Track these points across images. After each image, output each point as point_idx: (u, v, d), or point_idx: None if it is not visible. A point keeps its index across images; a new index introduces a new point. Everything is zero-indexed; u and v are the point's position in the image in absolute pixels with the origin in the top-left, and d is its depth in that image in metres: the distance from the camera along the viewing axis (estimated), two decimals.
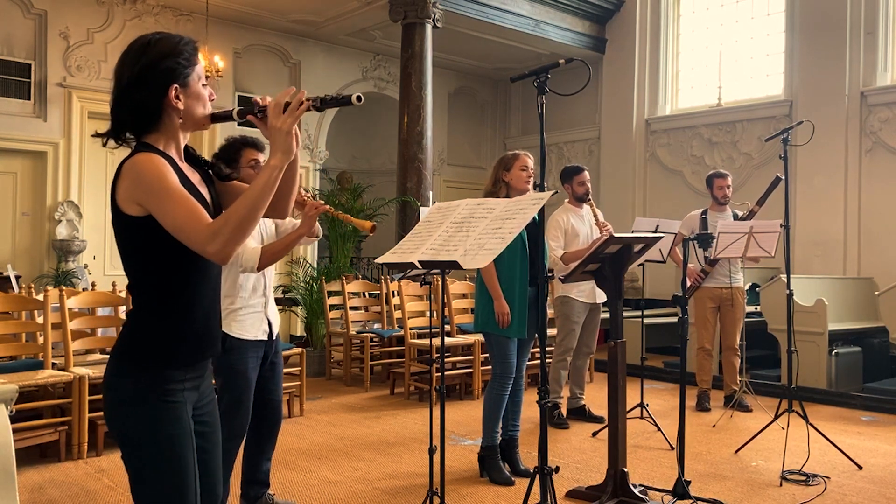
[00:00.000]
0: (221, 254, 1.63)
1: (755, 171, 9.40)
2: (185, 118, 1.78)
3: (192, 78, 1.78)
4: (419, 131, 8.74)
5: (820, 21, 8.94)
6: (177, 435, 1.76)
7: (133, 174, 1.68)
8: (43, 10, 8.62)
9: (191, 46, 1.80)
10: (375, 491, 3.91)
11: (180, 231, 1.64)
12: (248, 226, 1.64)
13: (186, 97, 1.77)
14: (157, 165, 1.68)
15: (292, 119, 1.69)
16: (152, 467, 1.76)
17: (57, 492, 3.86)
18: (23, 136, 8.48)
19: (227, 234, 1.62)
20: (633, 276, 9.04)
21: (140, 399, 1.75)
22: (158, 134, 1.78)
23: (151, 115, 1.75)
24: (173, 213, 1.64)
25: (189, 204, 1.65)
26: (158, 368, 1.76)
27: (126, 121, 1.78)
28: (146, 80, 1.73)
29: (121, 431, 1.78)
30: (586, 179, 5.31)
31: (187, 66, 1.77)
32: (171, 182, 1.67)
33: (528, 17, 9.99)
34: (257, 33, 10.21)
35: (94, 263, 8.95)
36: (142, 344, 1.77)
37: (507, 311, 3.94)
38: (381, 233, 9.66)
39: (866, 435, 5.24)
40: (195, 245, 1.64)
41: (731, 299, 5.85)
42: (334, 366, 7.42)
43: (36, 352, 4.69)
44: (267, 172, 1.67)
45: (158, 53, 1.74)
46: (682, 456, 3.72)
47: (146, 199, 1.67)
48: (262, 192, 1.65)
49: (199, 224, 1.63)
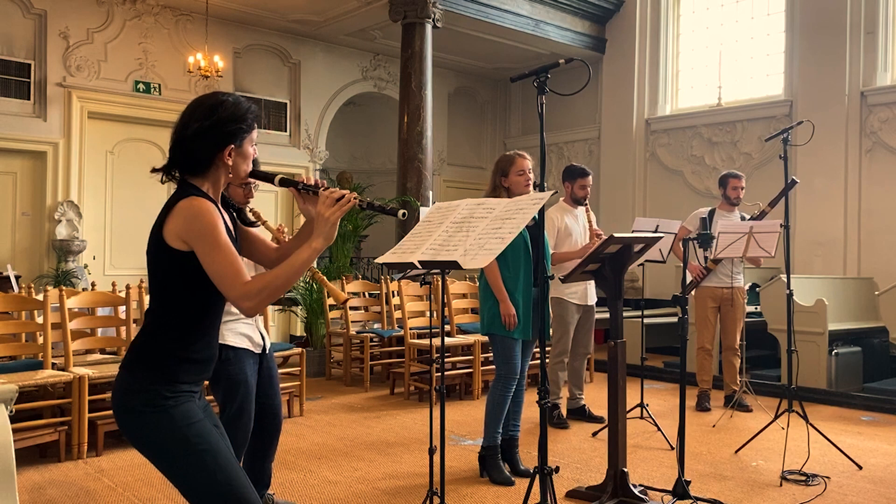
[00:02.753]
0: (253, 311, 1.87)
1: (755, 171, 9.40)
2: (232, 173, 2.00)
3: (246, 141, 1.99)
4: (419, 131, 8.74)
5: (820, 21, 8.94)
6: (196, 423, 1.90)
7: (188, 216, 1.86)
8: (43, 10, 8.62)
9: (253, 114, 2.01)
10: (375, 491, 3.91)
11: (221, 281, 1.85)
12: (280, 293, 1.90)
13: (237, 156, 1.98)
14: (211, 214, 1.86)
15: (340, 212, 1.93)
16: (188, 462, 1.88)
17: (57, 492, 3.85)
18: (23, 136, 8.48)
19: (263, 297, 1.85)
20: (633, 276, 9.05)
21: (152, 408, 1.88)
22: (204, 179, 1.97)
23: (204, 165, 1.95)
24: (219, 264, 1.84)
25: (233, 259, 1.85)
26: (165, 379, 1.90)
27: (181, 163, 1.96)
28: (210, 136, 1.93)
29: (146, 444, 1.91)
30: (589, 184, 5.30)
31: (247, 131, 1.98)
32: (221, 234, 1.86)
33: (528, 17, 9.99)
34: (257, 33, 10.21)
35: (93, 263, 8.94)
36: (154, 357, 1.92)
37: (513, 312, 3.94)
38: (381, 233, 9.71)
39: (866, 435, 5.24)
40: (230, 297, 1.85)
41: (732, 299, 5.85)
42: (334, 366, 7.42)
43: (36, 352, 4.69)
44: (308, 253, 1.91)
45: (228, 117, 1.94)
46: (682, 456, 3.72)
47: (195, 243, 1.85)
48: (301, 267, 1.90)
49: (239, 281, 1.84)
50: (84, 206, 8.81)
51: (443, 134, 11.91)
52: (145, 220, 10.78)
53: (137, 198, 9.12)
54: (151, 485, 3.96)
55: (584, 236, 5.19)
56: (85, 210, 8.81)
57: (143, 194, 9.17)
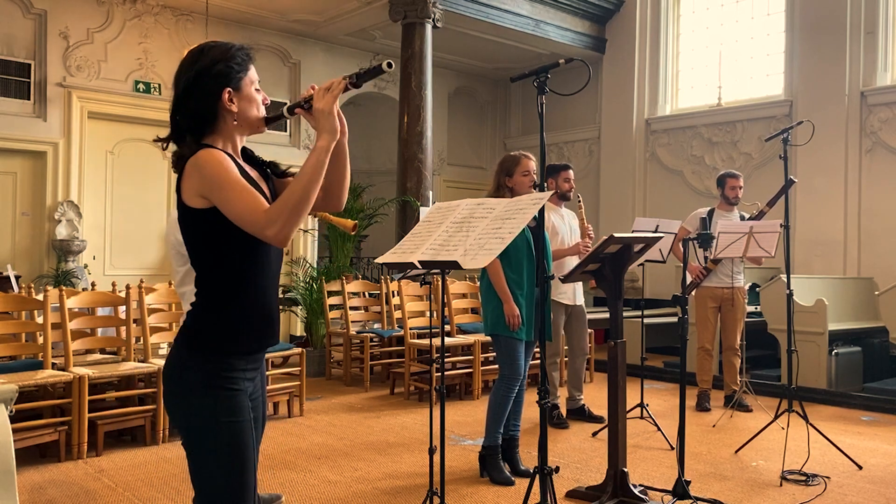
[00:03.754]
0: (280, 235, 1.72)
1: (755, 171, 9.40)
2: (239, 120, 1.88)
3: (244, 82, 1.88)
4: (419, 131, 8.74)
5: (820, 21, 8.94)
6: (239, 423, 1.84)
7: (196, 169, 1.78)
8: (43, 10, 8.61)
9: (243, 52, 1.90)
10: (375, 491, 3.91)
11: (241, 218, 1.74)
12: (304, 208, 1.73)
13: (240, 100, 1.87)
14: (217, 159, 1.78)
15: (331, 98, 1.79)
16: (216, 455, 1.83)
17: (57, 492, 3.85)
18: (23, 136, 8.48)
19: (285, 217, 1.71)
20: (633, 276, 9.05)
21: (204, 388, 1.82)
22: (216, 135, 1.87)
23: (207, 119, 1.85)
24: (234, 202, 1.74)
25: (248, 192, 1.75)
26: (221, 356, 1.84)
27: (184, 125, 1.86)
28: (200, 84, 1.83)
29: (184, 420, 1.87)
30: (571, 177, 5.32)
31: (240, 70, 1.87)
32: (231, 173, 1.76)
33: (528, 17, 9.99)
34: (257, 33, 10.20)
35: (93, 263, 8.94)
36: (206, 332, 1.86)
37: (517, 313, 3.95)
38: (381, 233, 9.71)
39: (866, 435, 5.24)
40: (255, 230, 1.73)
41: (732, 299, 5.85)
42: (334, 366, 7.42)
43: (36, 352, 4.69)
44: (315, 154, 1.76)
45: (211, 59, 1.84)
46: (682, 456, 3.72)
47: (209, 191, 1.77)
48: (313, 173, 1.74)
49: (258, 210, 1.72)
50: (84, 206, 8.81)
51: (443, 134, 11.91)
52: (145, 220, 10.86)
53: (137, 198, 9.13)
54: (151, 485, 3.96)
55: (571, 235, 5.21)
56: (85, 210, 8.81)
57: (143, 194, 9.18)
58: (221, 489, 1.85)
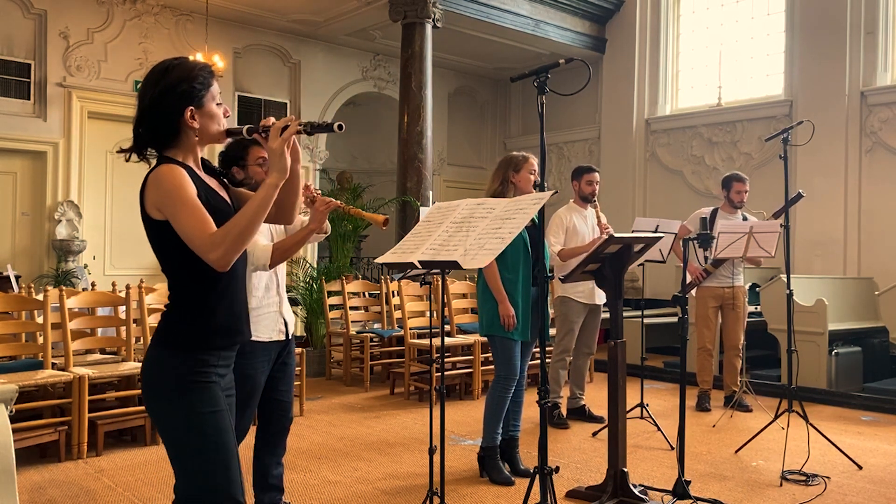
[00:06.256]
0: (221, 261, 1.81)
1: (755, 171, 9.39)
2: (200, 135, 1.96)
3: (206, 99, 1.95)
4: (419, 131, 8.74)
5: (820, 21, 8.94)
6: (219, 412, 1.93)
7: (155, 183, 1.86)
8: (43, 10, 8.62)
9: (206, 71, 1.98)
10: (376, 491, 3.91)
11: (187, 238, 1.83)
12: (246, 237, 1.83)
13: (201, 117, 1.94)
14: (175, 176, 1.85)
15: (282, 141, 1.86)
16: (197, 446, 1.90)
17: (57, 492, 3.85)
18: (23, 135, 8.48)
19: (227, 244, 1.80)
20: (633, 276, 9.05)
21: (180, 386, 1.90)
22: (177, 149, 1.95)
23: (170, 133, 1.93)
24: (183, 222, 1.82)
25: (197, 214, 1.83)
26: (194, 355, 1.92)
27: (147, 138, 1.95)
28: (164, 102, 1.90)
29: (166, 418, 1.94)
30: (595, 180, 5.31)
31: (202, 88, 1.94)
32: (186, 192, 1.84)
33: (528, 17, 9.99)
34: (257, 33, 10.21)
35: (93, 263, 8.94)
36: (178, 333, 1.94)
37: (512, 313, 3.94)
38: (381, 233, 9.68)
39: (866, 435, 5.24)
40: (199, 252, 1.82)
41: (734, 299, 5.85)
42: (334, 366, 7.42)
43: (36, 352, 4.68)
44: (264, 190, 1.85)
45: (176, 78, 1.91)
46: (682, 456, 3.72)
47: (164, 207, 1.85)
48: (259, 207, 1.84)
49: (204, 233, 1.81)
50: (84, 206, 8.81)
51: (443, 134, 11.91)
52: None
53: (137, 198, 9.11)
54: (151, 485, 3.96)
55: (592, 235, 5.19)
56: (85, 210, 8.81)
57: None
58: (208, 479, 1.90)
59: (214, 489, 1.90)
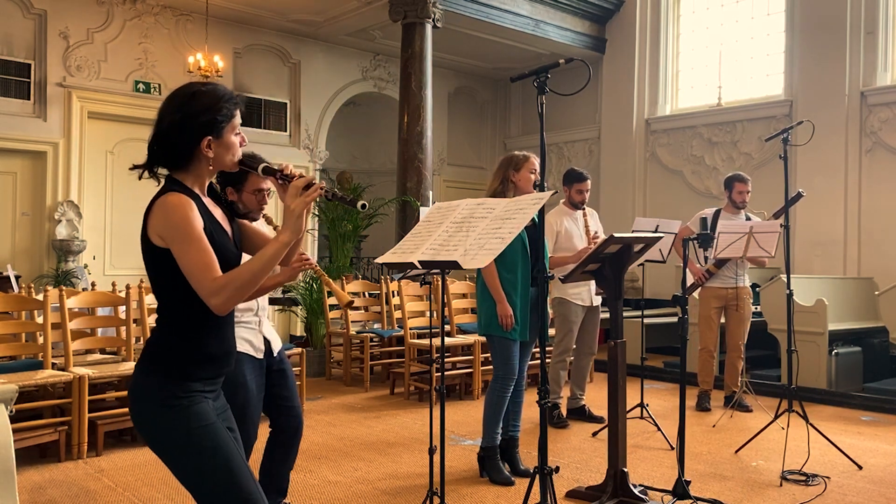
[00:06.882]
0: (221, 308, 1.81)
1: (755, 171, 9.38)
2: (213, 164, 1.94)
3: (226, 130, 1.92)
4: (419, 131, 8.74)
5: (820, 21, 8.94)
6: (209, 426, 1.89)
7: (163, 212, 1.83)
8: (43, 10, 8.62)
9: (231, 102, 1.94)
10: (375, 491, 3.91)
11: (191, 276, 1.81)
12: (250, 288, 1.82)
13: (218, 147, 1.92)
14: (185, 208, 1.83)
15: (303, 204, 1.85)
16: (200, 463, 1.88)
17: (57, 492, 3.85)
18: (23, 136, 8.48)
19: (230, 292, 1.79)
20: (633, 276, 9.05)
21: (167, 407, 1.87)
22: (188, 174, 1.93)
23: (184, 158, 1.91)
24: (189, 260, 1.80)
25: (204, 254, 1.81)
26: (179, 380, 1.90)
27: (160, 157, 1.93)
28: (184, 128, 1.88)
29: (159, 443, 1.91)
30: (586, 189, 5.26)
31: (223, 120, 1.91)
32: (194, 229, 1.82)
33: (528, 17, 9.99)
34: (257, 33, 10.21)
35: (93, 263, 8.94)
36: (165, 359, 1.91)
37: (510, 313, 3.94)
38: (381, 233, 9.71)
39: (866, 435, 5.24)
40: (200, 293, 1.80)
41: (737, 300, 5.83)
42: (334, 366, 7.42)
43: (36, 352, 4.69)
44: (275, 247, 1.84)
45: (200, 106, 1.88)
46: (682, 456, 3.72)
47: (170, 239, 1.82)
48: (268, 262, 1.83)
49: (208, 276, 1.79)
50: (84, 206, 8.81)
51: (443, 134, 11.91)
52: None
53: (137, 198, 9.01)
54: (151, 485, 3.96)
55: (584, 239, 5.18)
56: (85, 210, 8.81)
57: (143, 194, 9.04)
58: (223, 491, 1.87)
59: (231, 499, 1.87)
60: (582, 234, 5.22)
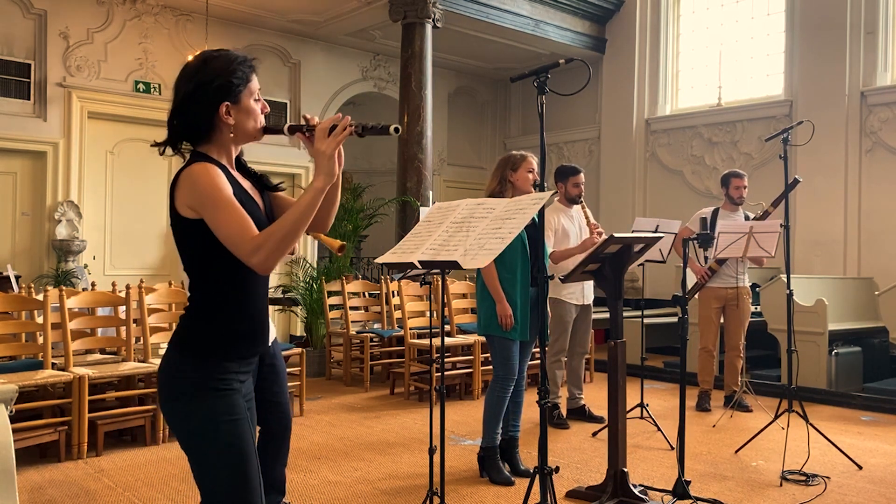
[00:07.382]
0: (263, 265, 1.75)
1: (755, 171, 9.39)
2: (236, 132, 1.89)
3: (243, 94, 1.88)
4: (419, 131, 8.74)
5: (820, 21, 8.94)
6: (238, 421, 1.86)
7: (189, 182, 1.79)
8: (43, 10, 8.61)
9: (246, 65, 1.90)
10: (375, 491, 3.91)
11: (228, 240, 1.76)
12: (290, 241, 1.76)
13: (237, 112, 1.87)
14: (211, 175, 1.78)
15: (335, 143, 1.79)
16: (215, 455, 1.84)
17: (57, 492, 3.85)
18: (23, 136, 8.47)
19: (270, 248, 1.73)
20: (633, 276, 9.04)
21: (199, 392, 1.83)
22: (211, 145, 1.88)
23: (204, 128, 1.87)
24: (223, 223, 1.75)
25: (238, 215, 1.76)
26: (214, 360, 1.85)
27: (181, 131, 1.89)
28: (199, 96, 1.84)
29: (183, 424, 1.87)
30: (581, 182, 5.29)
31: (239, 84, 1.87)
32: (223, 193, 1.77)
33: (528, 17, 9.99)
34: (257, 33, 10.20)
35: (93, 263, 8.94)
36: (198, 337, 1.87)
37: (509, 313, 3.94)
38: (381, 233, 9.70)
39: (866, 435, 5.24)
40: (240, 255, 1.75)
41: (737, 299, 5.84)
42: (334, 366, 7.42)
43: (36, 352, 4.69)
44: (310, 194, 1.78)
45: (213, 71, 1.85)
46: (682, 456, 3.72)
47: (200, 207, 1.78)
48: (305, 211, 1.77)
49: (246, 236, 1.74)
50: (84, 206, 8.81)
51: (443, 134, 11.91)
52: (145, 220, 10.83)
53: (137, 198, 9.12)
54: (151, 485, 3.96)
55: (581, 236, 5.18)
56: (85, 210, 8.80)
57: (143, 194, 9.18)
58: (227, 489, 1.85)
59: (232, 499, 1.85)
60: (578, 231, 5.23)
